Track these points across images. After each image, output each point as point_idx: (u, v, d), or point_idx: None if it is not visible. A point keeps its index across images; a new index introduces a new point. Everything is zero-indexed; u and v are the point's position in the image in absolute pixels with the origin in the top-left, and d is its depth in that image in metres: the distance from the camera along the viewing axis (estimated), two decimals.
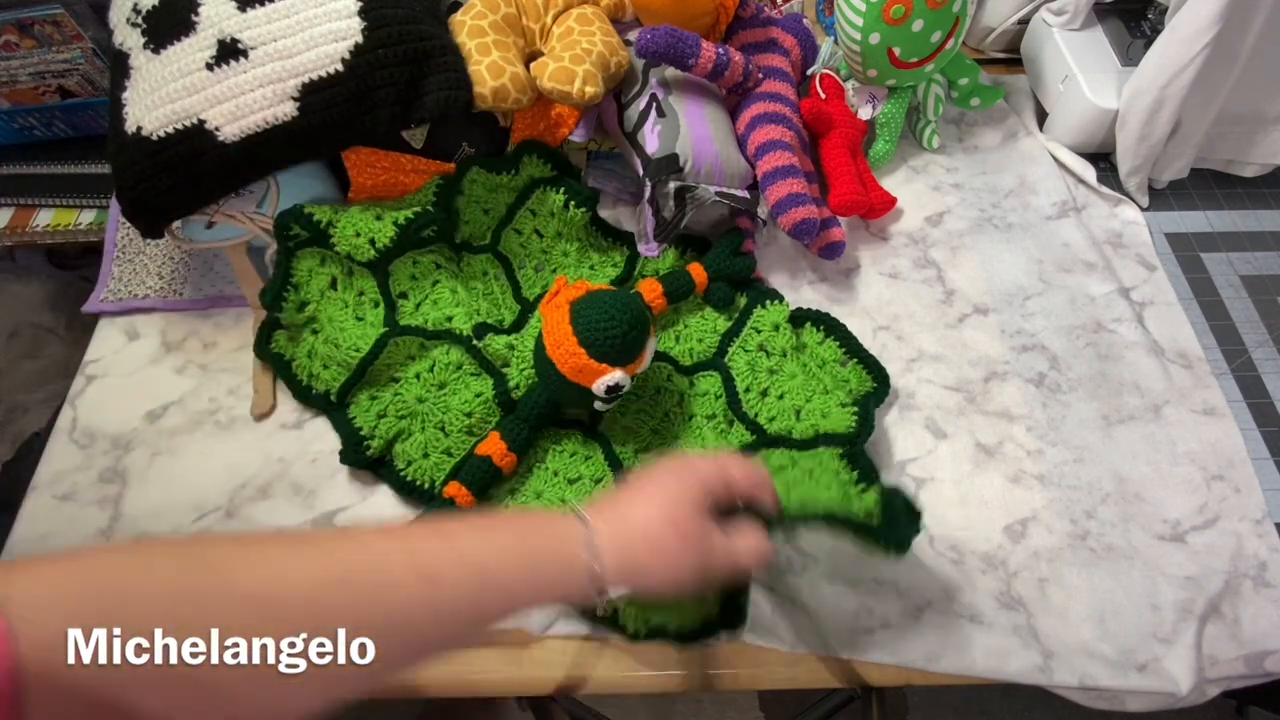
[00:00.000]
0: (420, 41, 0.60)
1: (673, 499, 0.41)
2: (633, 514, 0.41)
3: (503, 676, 0.54)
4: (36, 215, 0.78)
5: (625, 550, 0.39)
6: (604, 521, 0.40)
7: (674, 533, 0.40)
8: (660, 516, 0.40)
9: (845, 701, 0.57)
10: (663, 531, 0.40)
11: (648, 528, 0.40)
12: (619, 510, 0.41)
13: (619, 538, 0.40)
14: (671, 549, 0.40)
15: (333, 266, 0.64)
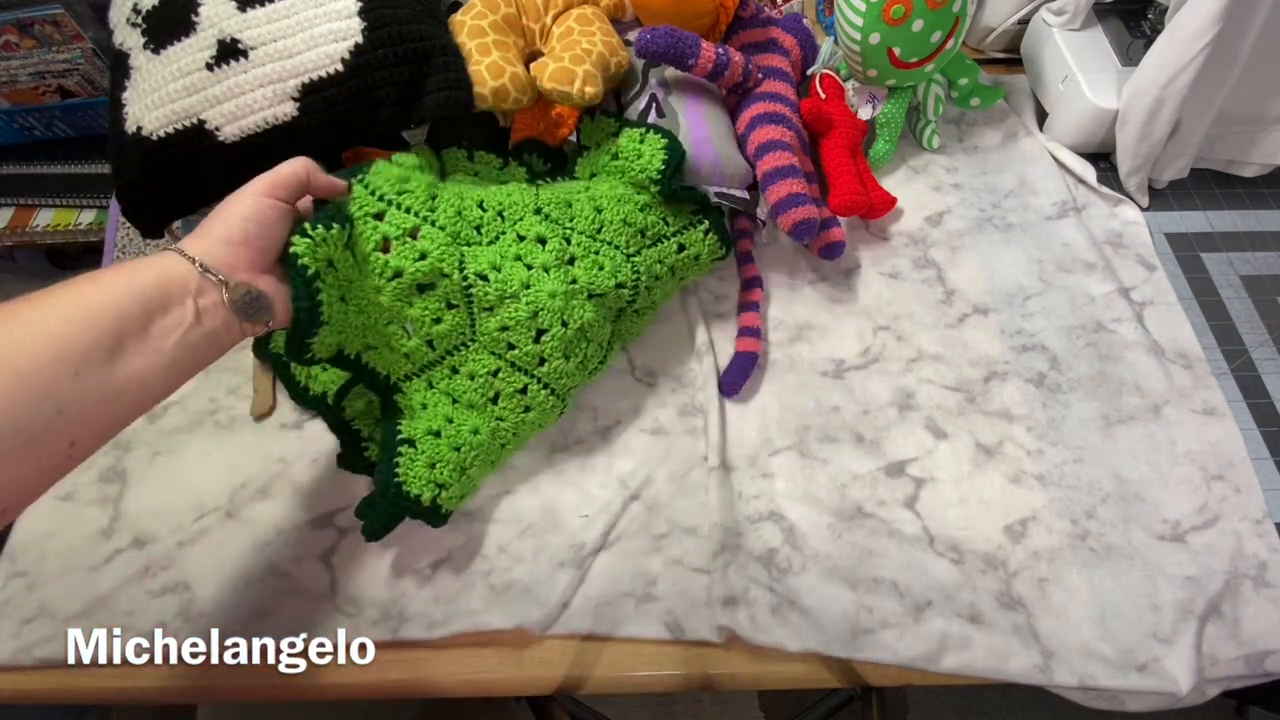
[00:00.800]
0: (420, 41, 0.60)
1: (249, 192, 0.47)
2: (223, 222, 0.45)
3: (503, 676, 0.54)
4: (36, 215, 0.79)
5: (211, 236, 0.44)
6: (199, 240, 0.45)
7: (269, 207, 0.46)
8: (238, 205, 0.46)
9: (845, 701, 0.57)
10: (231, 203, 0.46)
11: (225, 208, 0.46)
12: (209, 228, 0.45)
13: (205, 231, 0.45)
14: (263, 215, 0.46)
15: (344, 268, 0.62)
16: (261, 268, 0.46)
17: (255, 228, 0.46)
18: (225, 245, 0.44)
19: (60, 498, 0.60)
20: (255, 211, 0.46)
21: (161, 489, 0.60)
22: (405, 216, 0.56)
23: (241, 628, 0.54)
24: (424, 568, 0.57)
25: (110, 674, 0.54)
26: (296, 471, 0.61)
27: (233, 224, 0.45)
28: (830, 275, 0.72)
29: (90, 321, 0.38)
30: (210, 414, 0.64)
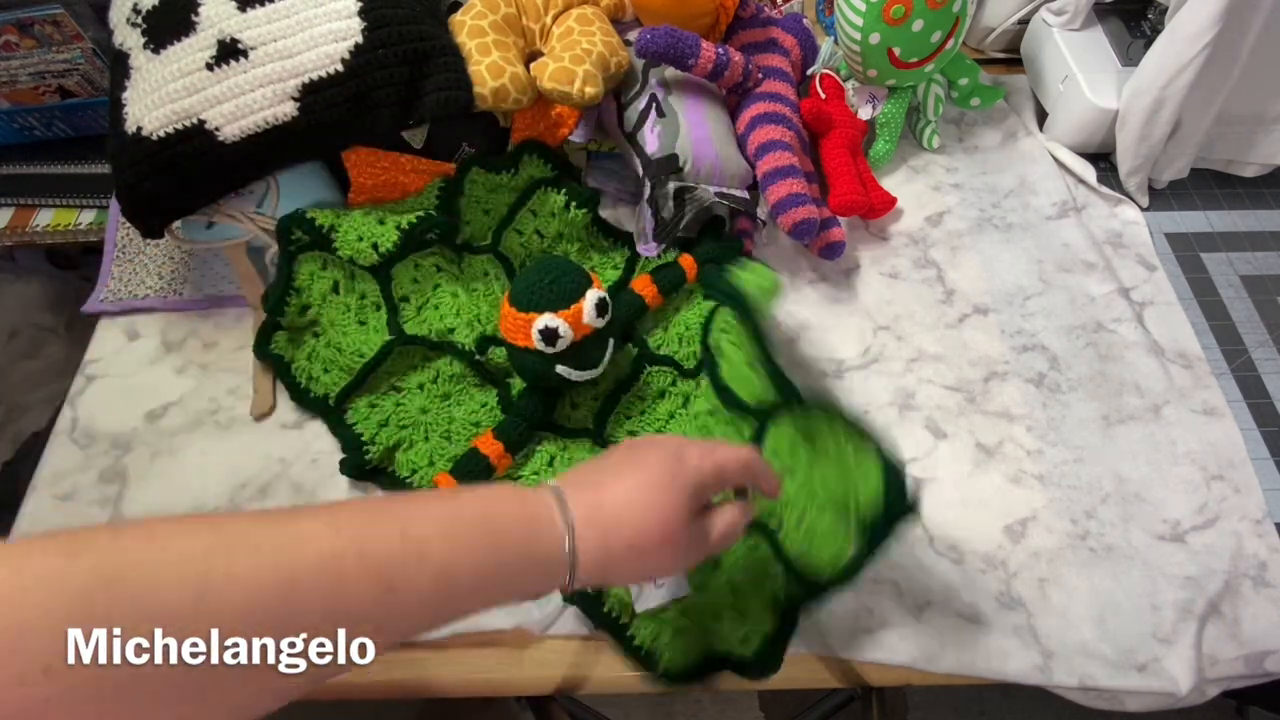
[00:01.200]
0: (420, 41, 0.60)
1: (665, 501, 0.38)
2: (618, 506, 0.37)
3: (503, 676, 0.54)
4: (36, 215, 0.78)
5: (605, 548, 0.37)
6: (584, 508, 0.37)
7: (660, 535, 0.38)
8: (648, 519, 0.38)
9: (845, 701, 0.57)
10: (649, 534, 0.38)
11: (635, 529, 0.37)
12: (602, 497, 0.38)
13: (601, 534, 0.37)
14: (653, 552, 0.38)
15: (335, 270, 0.64)
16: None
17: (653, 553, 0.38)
18: (606, 551, 0.37)
19: (60, 498, 0.60)
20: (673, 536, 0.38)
21: (161, 489, 0.60)
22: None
23: None
24: None
25: None
26: (296, 471, 0.61)
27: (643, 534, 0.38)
28: (830, 275, 0.72)
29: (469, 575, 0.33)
30: (210, 414, 0.64)
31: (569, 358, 0.56)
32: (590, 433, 0.61)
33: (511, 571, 0.35)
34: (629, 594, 0.53)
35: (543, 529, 0.36)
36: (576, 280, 0.55)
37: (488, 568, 0.34)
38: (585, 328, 0.55)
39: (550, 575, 0.36)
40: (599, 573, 0.37)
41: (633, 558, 0.38)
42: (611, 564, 0.37)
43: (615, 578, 0.39)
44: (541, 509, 0.36)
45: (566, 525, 0.36)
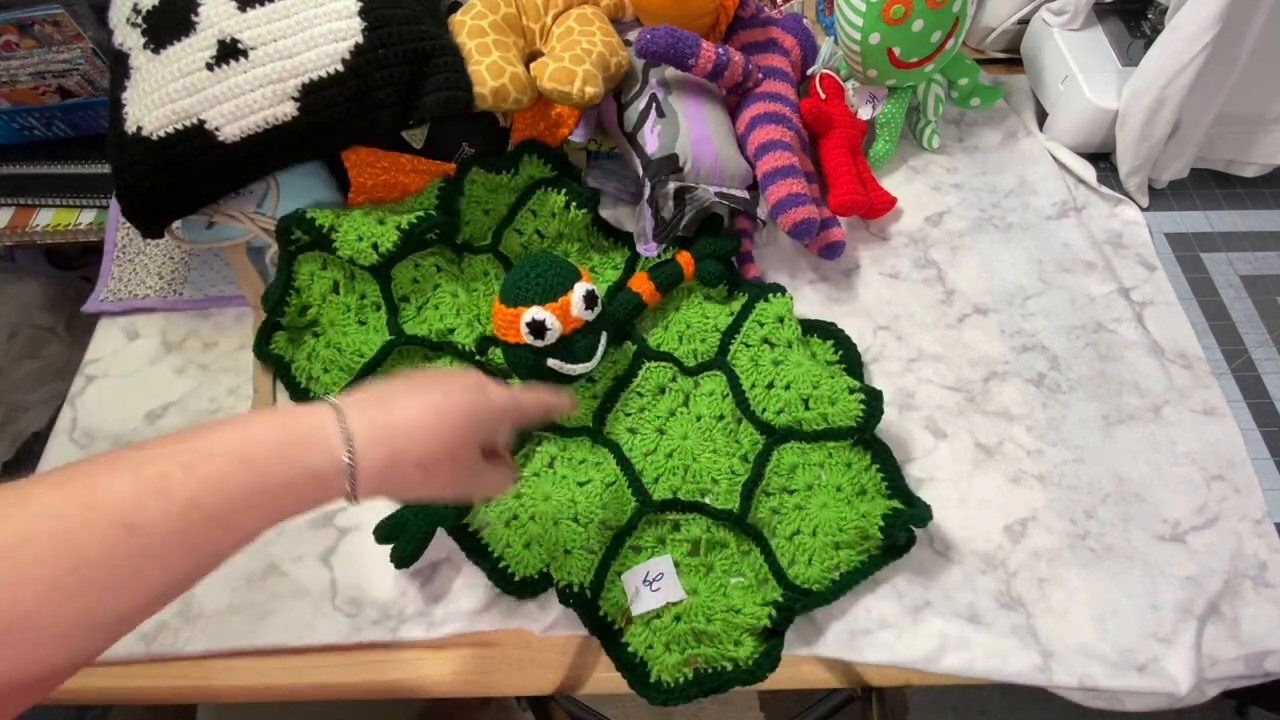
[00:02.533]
0: (420, 41, 0.60)
1: (461, 426, 0.40)
2: (410, 424, 0.38)
3: (503, 676, 0.54)
4: (36, 215, 0.78)
5: (392, 463, 0.37)
6: (371, 426, 0.37)
7: (449, 460, 0.39)
8: (441, 441, 0.39)
9: (845, 701, 0.57)
10: (439, 457, 0.39)
11: (426, 449, 0.39)
12: (393, 417, 0.38)
13: (390, 451, 0.37)
14: (439, 475, 0.39)
15: (334, 270, 0.64)
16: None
17: (445, 462, 0.40)
18: (393, 466, 0.38)
19: None
20: (460, 442, 0.40)
21: None
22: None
23: (241, 628, 0.54)
24: (424, 568, 0.57)
25: (110, 674, 0.54)
26: None
27: (428, 445, 0.39)
28: (830, 275, 0.71)
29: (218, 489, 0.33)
30: (210, 414, 0.64)
31: (559, 351, 0.56)
32: (589, 431, 0.61)
33: (277, 491, 0.35)
34: (625, 597, 0.53)
35: (310, 448, 0.36)
36: (564, 274, 0.55)
37: (244, 492, 0.34)
38: (574, 320, 0.55)
39: (325, 487, 0.36)
40: (383, 486, 0.38)
41: (418, 476, 0.39)
42: (396, 479, 0.38)
43: (398, 493, 0.41)
44: (309, 429, 0.36)
45: (344, 441, 0.36)
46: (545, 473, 0.59)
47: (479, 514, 0.58)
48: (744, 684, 0.50)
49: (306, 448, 0.36)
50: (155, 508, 0.31)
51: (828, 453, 0.59)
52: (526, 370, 0.57)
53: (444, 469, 0.40)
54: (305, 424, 0.36)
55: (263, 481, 0.34)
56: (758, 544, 0.56)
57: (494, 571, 0.55)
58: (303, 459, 0.35)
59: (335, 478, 0.36)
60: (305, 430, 0.36)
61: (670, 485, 0.58)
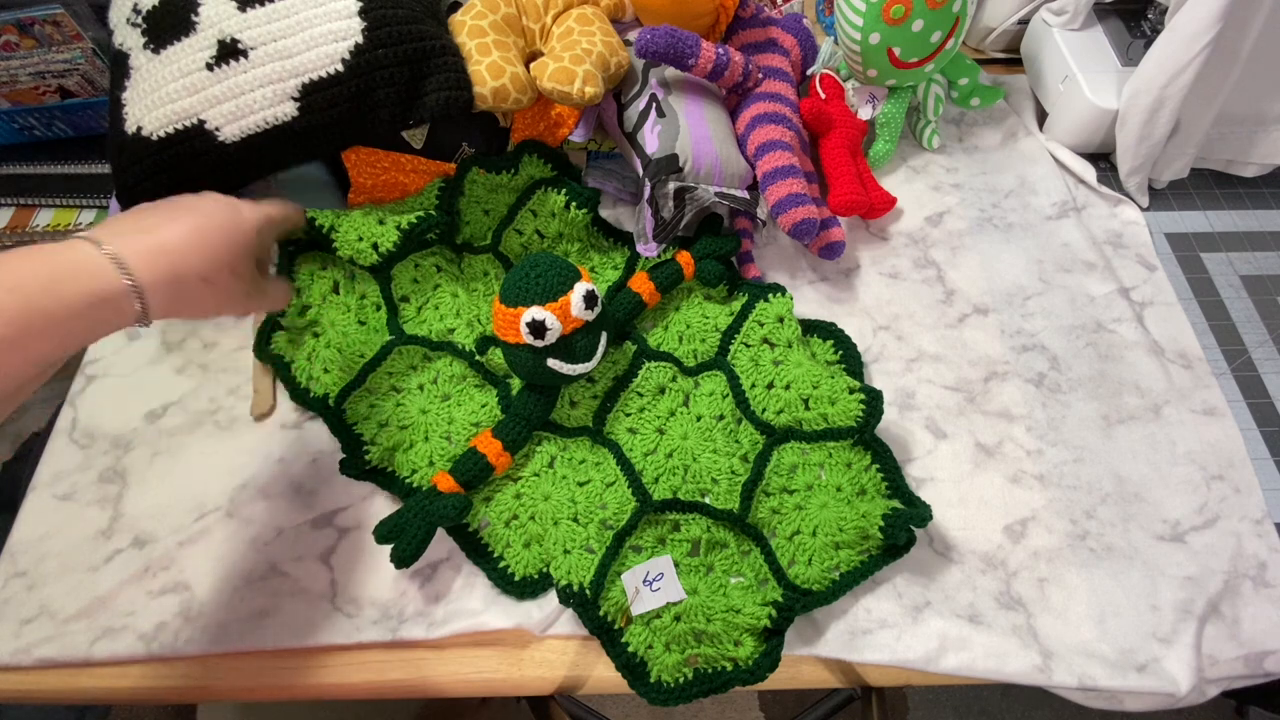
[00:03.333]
0: (420, 41, 0.60)
1: (231, 241, 0.42)
2: (181, 244, 0.40)
3: (503, 676, 0.54)
4: (36, 215, 0.78)
5: (177, 280, 0.40)
6: (142, 250, 0.39)
7: (229, 271, 0.42)
8: (217, 255, 0.41)
9: (845, 701, 0.57)
10: (219, 269, 0.41)
11: (206, 263, 0.41)
12: (162, 240, 0.40)
13: (170, 269, 0.40)
14: (224, 286, 0.42)
15: (335, 271, 0.64)
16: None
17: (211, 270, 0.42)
18: (179, 283, 0.41)
19: (60, 498, 0.60)
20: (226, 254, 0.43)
21: (161, 489, 0.60)
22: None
23: (241, 628, 0.54)
24: (424, 568, 0.57)
25: (110, 674, 0.54)
26: (296, 471, 0.61)
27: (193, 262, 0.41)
28: (830, 275, 0.72)
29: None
30: (210, 414, 0.64)
31: (559, 351, 0.56)
32: (589, 431, 0.61)
33: (57, 317, 0.36)
34: (625, 597, 0.53)
35: (81, 277, 0.38)
36: (563, 273, 0.55)
37: (21, 320, 0.35)
38: (574, 320, 0.55)
39: (116, 311, 0.38)
40: (174, 304, 0.40)
41: (208, 290, 0.42)
42: (185, 296, 0.41)
43: (189, 310, 0.43)
44: (73, 261, 0.38)
45: (116, 266, 0.38)
46: (545, 473, 0.59)
47: (479, 514, 0.58)
48: (744, 684, 0.50)
49: (77, 278, 0.38)
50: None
51: (828, 453, 0.59)
52: (527, 371, 0.57)
53: (226, 280, 0.42)
54: (67, 257, 0.38)
55: (39, 309, 0.36)
56: (758, 544, 0.56)
57: (494, 571, 0.55)
58: (74, 287, 0.37)
59: (123, 300, 0.38)
60: (69, 262, 0.38)
61: (670, 485, 0.58)
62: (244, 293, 0.45)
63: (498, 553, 0.56)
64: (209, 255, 0.41)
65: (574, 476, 0.59)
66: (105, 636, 0.54)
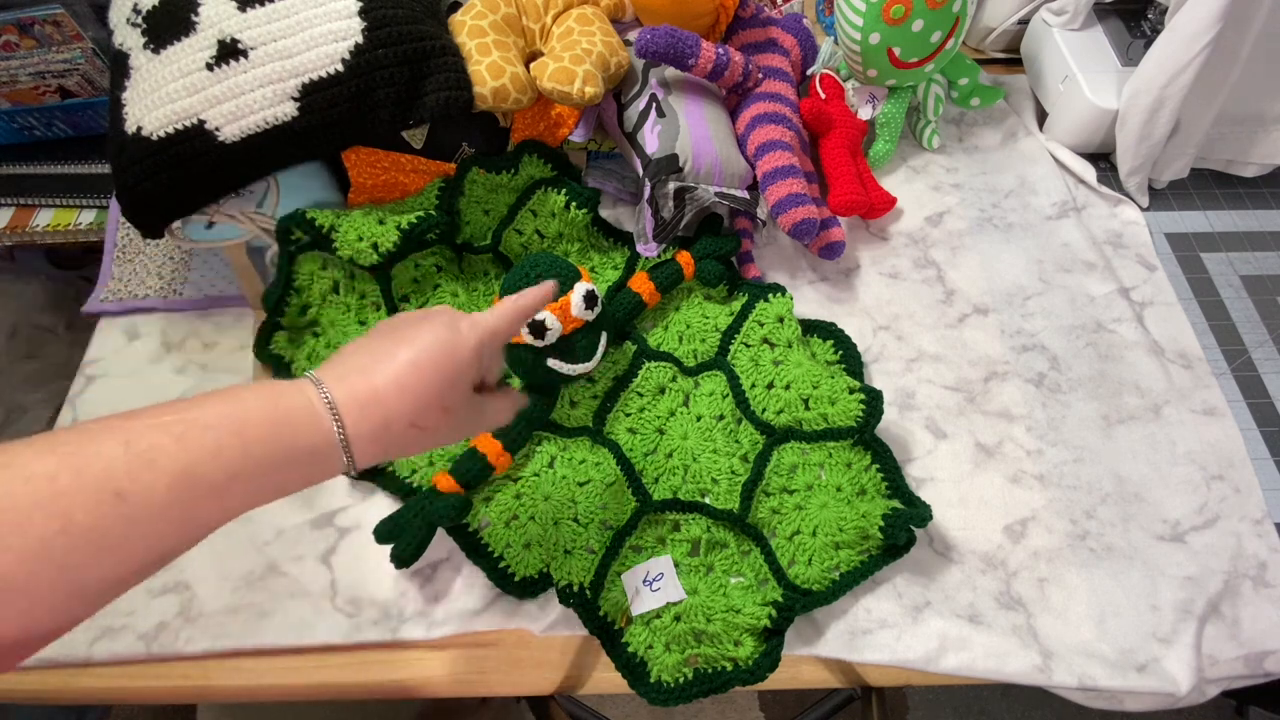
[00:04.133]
0: (420, 41, 0.60)
1: (443, 377, 0.40)
2: (392, 389, 0.38)
3: (503, 676, 0.54)
4: (36, 215, 0.78)
5: (387, 430, 0.38)
6: (358, 396, 0.38)
7: (439, 411, 0.40)
8: (429, 396, 0.39)
9: (845, 701, 0.57)
10: (430, 412, 0.39)
11: (417, 409, 0.39)
12: (374, 384, 0.38)
13: (383, 418, 0.38)
14: (435, 428, 0.40)
15: (335, 270, 0.64)
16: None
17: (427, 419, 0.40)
18: (388, 433, 0.38)
19: None
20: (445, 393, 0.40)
21: None
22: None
23: (241, 628, 0.54)
24: (424, 568, 0.57)
25: (110, 674, 0.54)
26: None
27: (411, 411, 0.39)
28: (830, 275, 0.72)
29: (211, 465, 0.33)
30: None
31: (559, 351, 0.56)
32: (590, 431, 0.61)
33: (270, 466, 0.35)
34: (625, 597, 0.53)
35: (302, 424, 0.36)
36: (564, 273, 0.55)
37: (236, 465, 0.34)
38: (574, 320, 0.55)
39: (323, 462, 0.37)
40: (382, 451, 0.38)
41: (415, 435, 0.39)
42: (394, 443, 0.39)
43: (400, 453, 0.41)
44: (296, 407, 0.36)
45: (333, 417, 0.37)
46: (545, 473, 0.59)
47: (479, 514, 0.58)
48: (744, 684, 0.50)
49: (295, 425, 0.36)
50: (146, 478, 0.31)
51: (828, 453, 0.59)
52: (526, 370, 0.57)
53: (437, 419, 0.40)
54: (291, 401, 0.36)
55: (255, 456, 0.34)
56: (758, 544, 0.56)
57: (494, 571, 0.55)
58: (292, 437, 0.36)
59: (331, 451, 0.36)
60: (292, 408, 0.36)
61: (670, 485, 0.58)
62: (453, 427, 0.42)
63: (498, 553, 0.56)
64: (418, 399, 0.39)
65: (574, 477, 0.59)
66: (105, 636, 0.54)
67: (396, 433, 0.38)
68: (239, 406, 0.35)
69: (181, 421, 0.33)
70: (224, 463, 0.33)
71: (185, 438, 0.33)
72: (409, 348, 0.40)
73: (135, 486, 0.31)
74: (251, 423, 0.35)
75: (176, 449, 0.33)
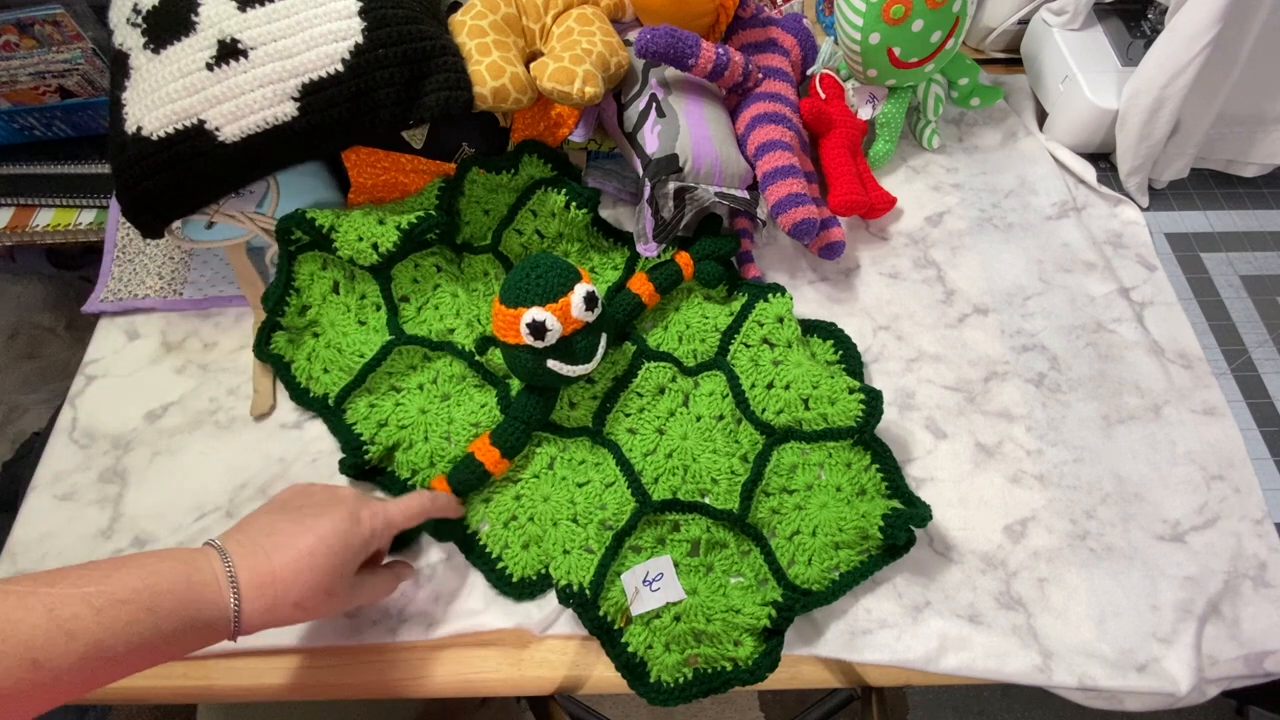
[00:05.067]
0: (420, 41, 0.60)
1: (333, 565, 0.44)
2: (287, 574, 0.42)
3: (503, 676, 0.54)
4: (36, 215, 0.78)
5: (272, 609, 0.42)
6: (256, 576, 0.42)
7: (324, 595, 0.44)
8: (316, 583, 0.43)
9: (845, 701, 0.57)
10: (315, 596, 0.43)
11: (303, 592, 0.43)
12: (274, 566, 0.42)
13: (271, 599, 0.42)
14: (315, 608, 0.44)
15: (334, 270, 0.64)
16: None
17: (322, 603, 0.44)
18: (273, 611, 0.43)
19: (60, 498, 0.60)
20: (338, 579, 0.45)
21: (161, 489, 0.60)
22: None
23: None
24: (424, 568, 0.57)
25: None
26: (296, 471, 0.61)
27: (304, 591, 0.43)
28: (830, 275, 0.72)
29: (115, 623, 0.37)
30: (210, 414, 0.64)
31: (559, 352, 0.56)
32: (589, 431, 0.61)
33: (171, 637, 0.39)
34: (624, 597, 0.53)
35: (206, 600, 0.40)
36: (564, 274, 0.55)
37: (143, 638, 0.37)
38: (575, 322, 0.55)
39: (213, 633, 0.41)
40: (262, 626, 0.42)
41: (297, 613, 0.43)
42: (276, 619, 0.43)
43: (275, 625, 0.43)
44: (205, 583, 0.40)
45: (233, 594, 0.41)
46: (545, 474, 0.59)
47: (478, 514, 0.58)
48: (744, 684, 0.50)
49: (200, 601, 0.40)
50: (61, 647, 0.35)
51: (827, 453, 0.59)
52: (526, 372, 0.57)
53: (319, 602, 0.44)
54: (201, 576, 0.40)
55: (163, 630, 0.38)
56: (757, 544, 0.56)
57: (492, 573, 0.55)
58: (196, 611, 0.39)
59: (223, 625, 0.41)
60: (200, 583, 0.40)
61: (670, 485, 0.58)
62: (331, 607, 0.45)
63: (496, 554, 0.56)
64: (306, 586, 0.43)
65: (573, 478, 0.59)
66: None
67: (281, 612, 0.42)
68: (154, 579, 0.39)
69: (101, 595, 0.37)
70: (133, 635, 0.37)
71: (103, 612, 0.36)
72: (309, 536, 0.44)
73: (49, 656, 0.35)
74: (163, 595, 0.38)
75: (94, 623, 0.36)
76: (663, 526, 0.57)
